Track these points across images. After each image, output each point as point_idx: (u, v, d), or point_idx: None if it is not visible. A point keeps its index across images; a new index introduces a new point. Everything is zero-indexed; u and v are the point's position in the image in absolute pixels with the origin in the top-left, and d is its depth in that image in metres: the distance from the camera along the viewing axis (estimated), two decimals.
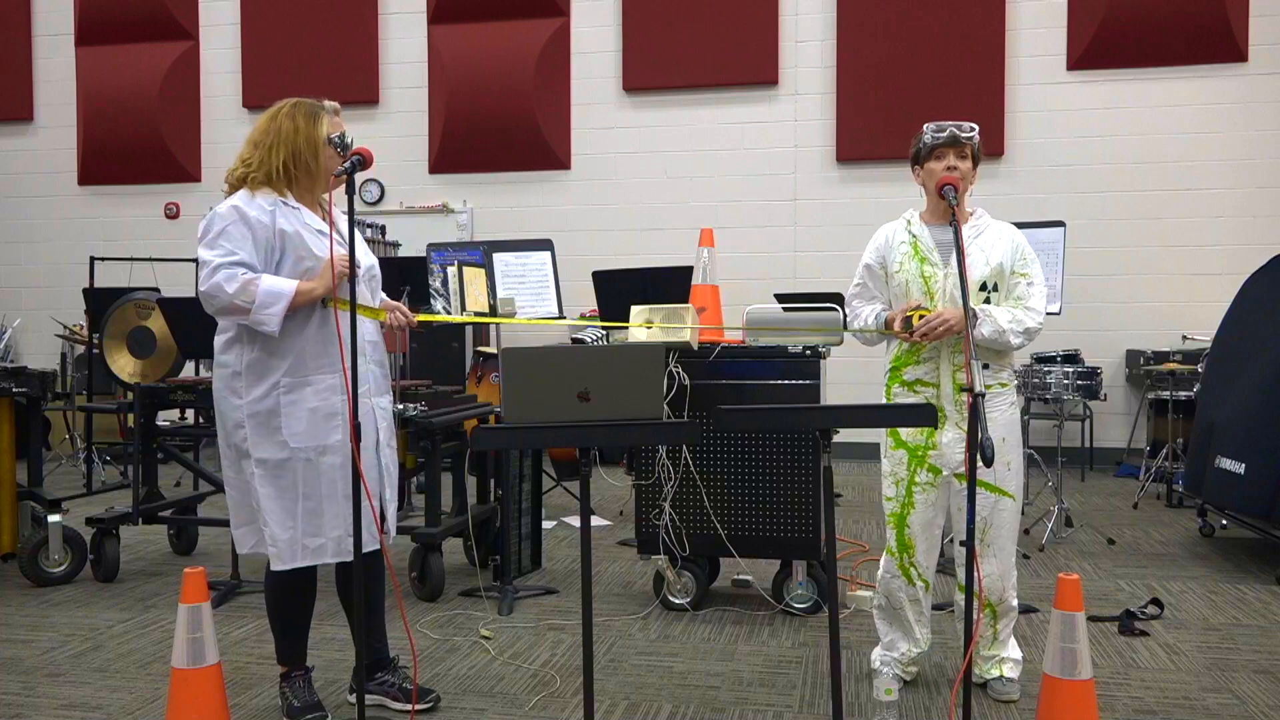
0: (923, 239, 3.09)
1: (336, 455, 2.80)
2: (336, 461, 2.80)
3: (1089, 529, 5.60)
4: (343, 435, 2.79)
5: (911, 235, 3.12)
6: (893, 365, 3.15)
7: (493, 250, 5.54)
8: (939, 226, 3.11)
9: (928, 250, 3.07)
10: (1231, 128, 7.85)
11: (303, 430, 2.77)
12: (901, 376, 3.12)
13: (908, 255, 3.10)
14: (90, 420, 7.00)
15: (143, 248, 9.12)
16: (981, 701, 3.08)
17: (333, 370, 2.79)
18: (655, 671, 3.38)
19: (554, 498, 6.51)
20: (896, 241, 3.15)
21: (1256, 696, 3.14)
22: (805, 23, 8.37)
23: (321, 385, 2.79)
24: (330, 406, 2.79)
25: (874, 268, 3.20)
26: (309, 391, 2.78)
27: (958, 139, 3.01)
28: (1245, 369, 4.91)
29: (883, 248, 3.18)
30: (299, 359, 2.78)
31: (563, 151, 8.73)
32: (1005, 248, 3.06)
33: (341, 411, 2.79)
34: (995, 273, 3.03)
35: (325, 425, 2.79)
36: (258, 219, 2.75)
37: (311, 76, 8.97)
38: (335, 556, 2.82)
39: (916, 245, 3.10)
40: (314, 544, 2.80)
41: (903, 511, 3.12)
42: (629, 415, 2.34)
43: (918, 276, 3.06)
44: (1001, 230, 3.10)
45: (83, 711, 3.06)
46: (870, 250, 3.22)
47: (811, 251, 8.41)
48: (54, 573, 4.49)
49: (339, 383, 2.80)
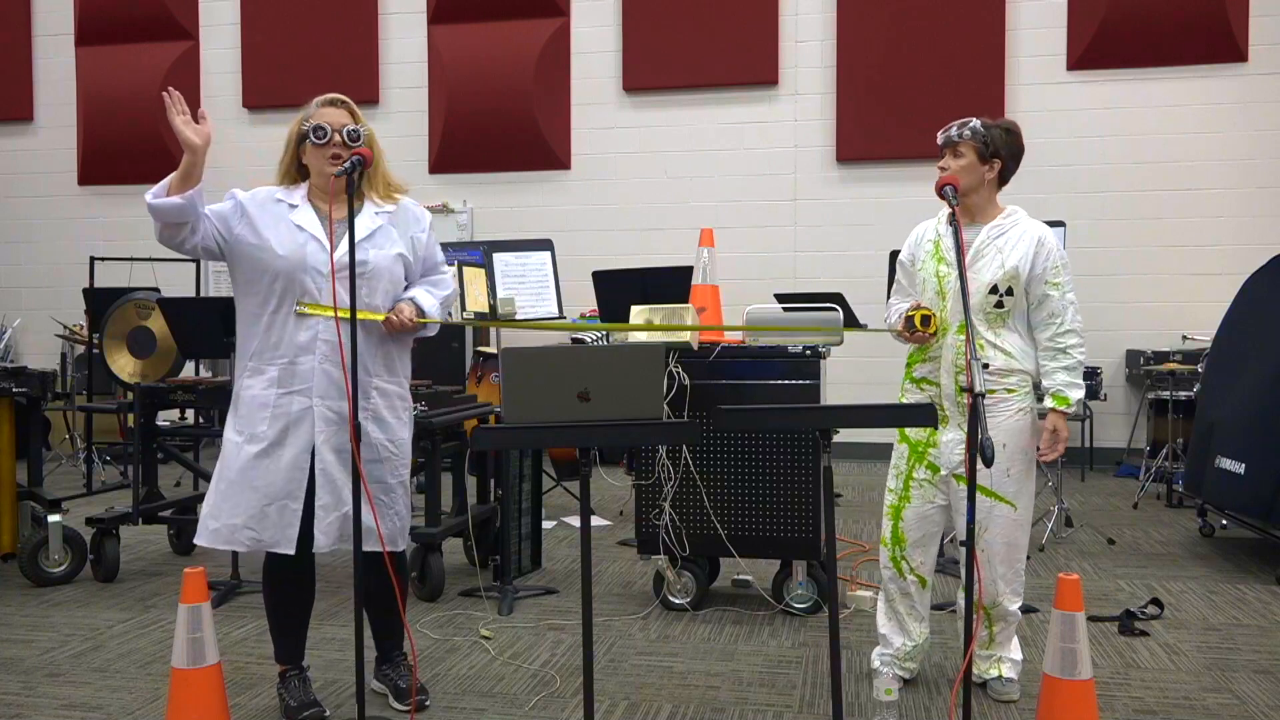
0: (945, 239, 3.10)
1: (255, 445, 2.76)
2: (253, 451, 2.76)
3: (1089, 529, 5.60)
4: (267, 427, 2.76)
5: (937, 234, 3.14)
6: (908, 361, 3.18)
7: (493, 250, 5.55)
8: (969, 226, 3.08)
9: (946, 250, 3.08)
10: (1231, 128, 7.84)
11: (242, 415, 2.80)
12: (912, 373, 3.16)
13: (929, 254, 3.12)
14: (90, 420, 7.00)
15: (143, 248, 9.11)
16: (981, 701, 3.08)
17: (278, 363, 2.78)
18: (655, 671, 3.38)
19: (554, 498, 6.50)
20: (924, 239, 3.17)
21: (1256, 696, 3.14)
22: (805, 23, 8.37)
23: (267, 376, 2.79)
24: (265, 398, 2.77)
25: (905, 264, 3.23)
26: (260, 379, 2.79)
27: (949, 140, 3.03)
28: (1245, 369, 4.91)
29: (913, 245, 3.21)
30: (261, 347, 2.81)
31: (563, 151, 8.73)
32: (1026, 250, 2.98)
33: (272, 404, 2.76)
34: (1009, 276, 2.96)
35: (257, 414, 2.78)
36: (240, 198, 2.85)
37: (311, 76, 8.97)
38: (226, 544, 2.78)
39: (938, 244, 3.11)
40: (212, 525, 2.79)
41: (899, 504, 3.14)
42: (629, 415, 2.34)
43: (933, 276, 3.08)
44: (1027, 231, 3.02)
45: (83, 711, 3.06)
46: (905, 247, 3.25)
47: (811, 251, 8.41)
48: (54, 573, 4.49)
49: (278, 375, 2.78)
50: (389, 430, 2.89)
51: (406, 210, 2.97)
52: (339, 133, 2.77)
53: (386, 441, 2.88)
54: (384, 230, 2.88)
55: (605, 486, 7.02)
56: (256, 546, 2.78)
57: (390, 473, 2.90)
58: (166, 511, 4.87)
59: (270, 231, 2.78)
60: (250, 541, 2.77)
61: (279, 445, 2.77)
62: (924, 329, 2.99)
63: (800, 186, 8.43)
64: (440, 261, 3.08)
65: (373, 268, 2.83)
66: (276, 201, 2.84)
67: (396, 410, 2.92)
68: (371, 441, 2.85)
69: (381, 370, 2.89)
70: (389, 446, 2.89)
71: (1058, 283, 2.99)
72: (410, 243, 2.95)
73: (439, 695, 3.15)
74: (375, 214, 2.89)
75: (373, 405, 2.86)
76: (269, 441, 2.76)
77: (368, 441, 2.83)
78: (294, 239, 2.77)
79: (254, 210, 2.81)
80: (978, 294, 2.99)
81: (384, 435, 2.88)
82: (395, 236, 2.90)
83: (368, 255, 2.82)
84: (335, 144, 2.77)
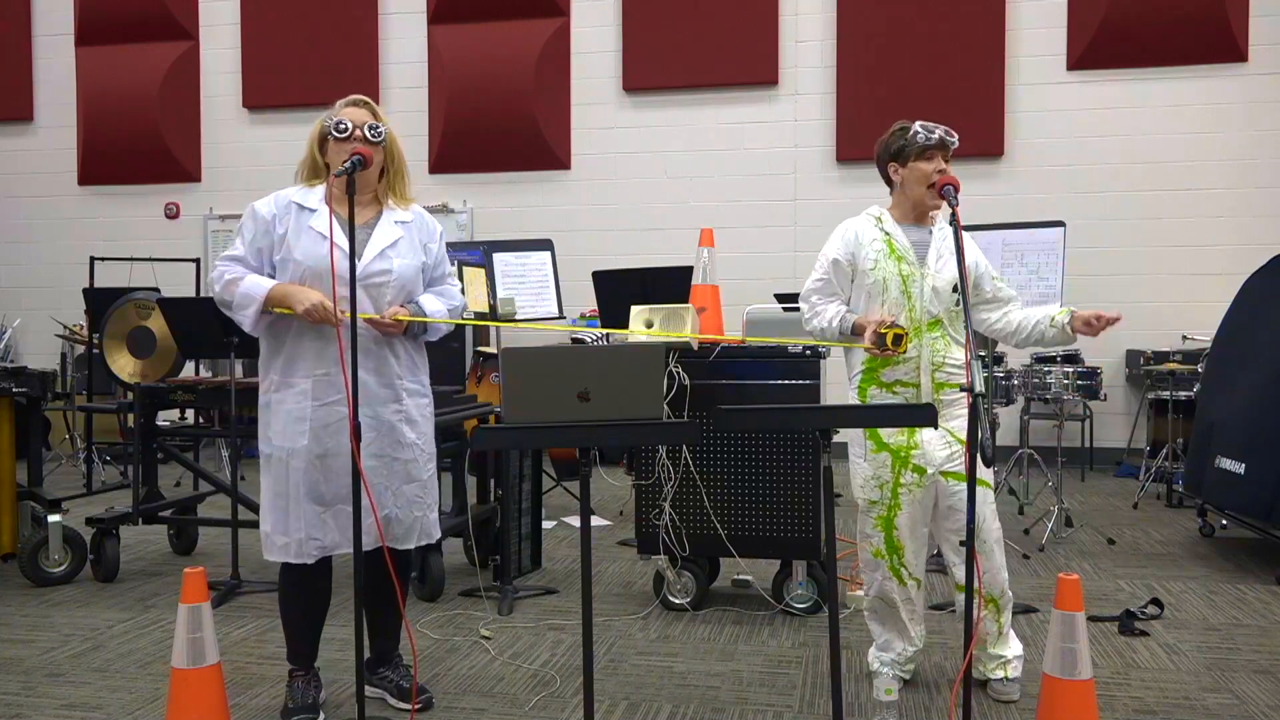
0: (897, 238, 3.08)
1: (301, 460, 2.80)
2: (301, 466, 2.80)
3: (1089, 529, 5.60)
4: (308, 441, 2.79)
5: (885, 234, 3.09)
6: (866, 367, 3.11)
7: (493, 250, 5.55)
8: (912, 226, 3.11)
9: (903, 250, 3.06)
10: (1231, 128, 7.85)
11: (280, 430, 2.82)
12: (879, 378, 3.08)
13: (883, 254, 3.06)
14: (90, 420, 7.00)
15: (143, 248, 9.12)
16: (981, 701, 3.08)
17: (308, 375, 2.81)
18: (655, 671, 3.38)
19: (554, 498, 6.50)
20: (868, 239, 3.10)
21: (1256, 696, 3.14)
22: (805, 23, 8.37)
23: (298, 389, 2.81)
24: (300, 411, 2.80)
25: (842, 264, 3.12)
26: (290, 394, 2.82)
27: (945, 143, 3.03)
28: (1245, 369, 4.91)
29: (852, 244, 3.12)
30: (288, 361, 2.84)
31: (563, 151, 8.73)
32: (972, 249, 3.15)
33: (309, 417, 2.79)
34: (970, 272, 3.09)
35: (295, 429, 2.80)
36: (263, 215, 2.85)
37: (311, 76, 8.98)
38: (297, 558, 2.82)
39: (892, 244, 3.07)
40: (280, 541, 2.84)
41: (889, 514, 3.10)
42: (629, 415, 2.34)
43: (896, 276, 3.03)
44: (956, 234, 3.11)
45: (83, 711, 3.06)
46: (838, 245, 3.14)
47: (811, 251, 8.36)
48: (54, 573, 4.49)
49: (310, 388, 2.80)
50: (418, 429, 2.97)
51: (422, 218, 3.01)
52: (360, 129, 2.78)
53: (418, 440, 2.96)
54: (405, 240, 2.90)
55: (605, 486, 7.02)
56: (323, 554, 2.85)
57: (424, 469, 2.99)
58: (166, 511, 4.87)
59: (294, 241, 2.80)
60: (317, 550, 2.84)
61: (325, 456, 2.81)
62: (895, 348, 2.90)
63: (800, 186, 8.43)
64: (448, 273, 3.10)
65: (396, 276, 2.85)
66: (297, 207, 2.84)
67: (422, 408, 3.00)
68: (408, 442, 2.92)
69: (407, 373, 2.94)
70: (419, 445, 2.97)
71: (994, 274, 3.20)
72: (426, 250, 2.98)
73: (439, 695, 3.15)
74: (395, 223, 2.91)
75: (405, 407, 2.92)
76: (315, 454, 2.80)
77: (405, 442, 2.91)
78: (316, 247, 2.79)
79: (279, 225, 2.83)
80: (943, 291, 3.03)
81: (415, 435, 2.96)
82: (416, 244, 2.94)
83: (391, 264, 2.85)
84: (356, 139, 2.78)
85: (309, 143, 2.90)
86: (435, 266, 3.03)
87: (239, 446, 5.72)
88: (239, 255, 2.84)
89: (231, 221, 9.15)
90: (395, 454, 2.89)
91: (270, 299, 2.76)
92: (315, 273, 2.78)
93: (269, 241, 2.83)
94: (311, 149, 2.89)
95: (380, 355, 2.86)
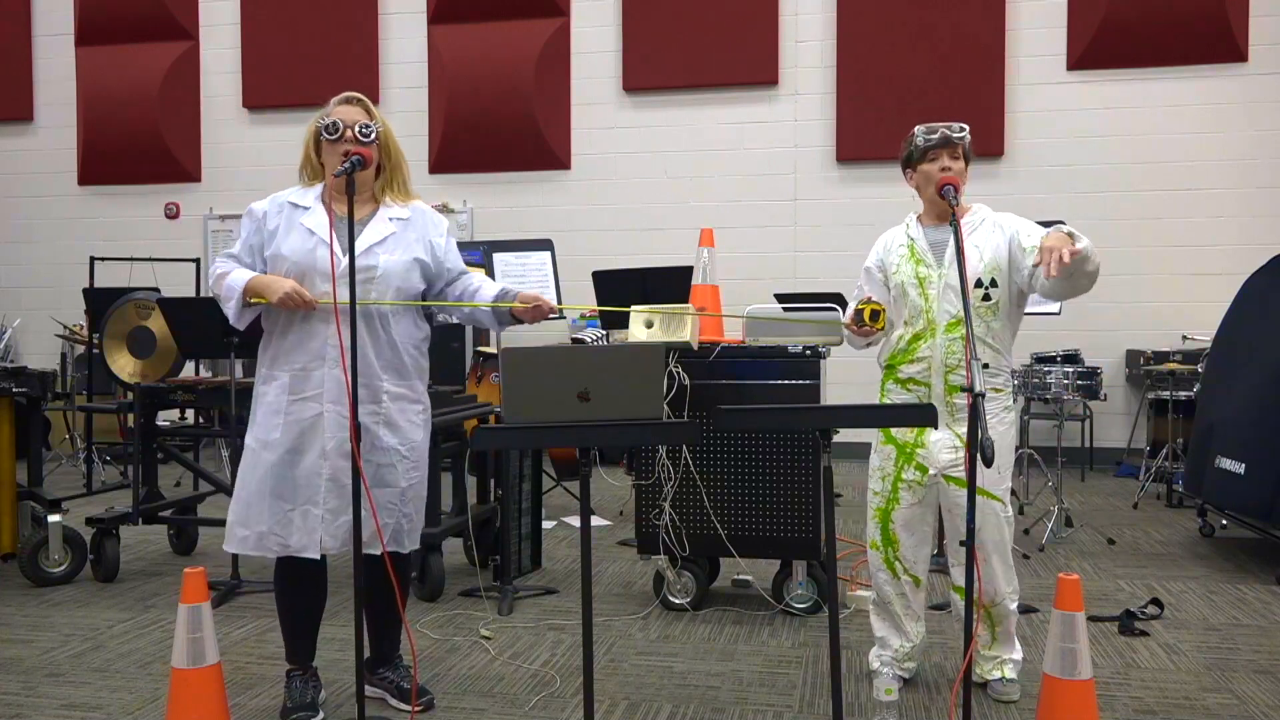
0: (918, 241, 3.12)
1: (273, 453, 2.80)
2: (272, 459, 2.79)
3: (1089, 529, 5.60)
4: (280, 435, 2.79)
5: (909, 238, 3.14)
6: (888, 362, 3.16)
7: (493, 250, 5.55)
8: (934, 227, 3.13)
9: (922, 252, 3.09)
10: (1231, 128, 7.85)
11: (259, 422, 2.84)
12: (897, 374, 3.13)
13: (904, 258, 3.12)
14: (90, 420, 7.00)
15: (143, 248, 9.13)
16: (981, 701, 3.08)
17: (287, 369, 2.82)
18: (655, 671, 3.38)
19: (554, 498, 6.50)
20: (895, 244, 3.18)
21: (1256, 696, 3.14)
22: (805, 23, 8.37)
23: (279, 382, 2.83)
24: (278, 404, 2.81)
25: (872, 271, 3.23)
26: (273, 386, 2.84)
27: (950, 139, 3.02)
28: (1245, 369, 4.91)
29: (882, 252, 3.22)
30: (274, 354, 2.86)
31: (563, 151, 8.73)
32: (1000, 240, 3.05)
33: (284, 410, 2.80)
34: (991, 268, 3.02)
35: (271, 421, 2.82)
36: (257, 213, 2.90)
37: (311, 76, 8.98)
38: (256, 550, 2.82)
39: (913, 247, 3.12)
40: (240, 533, 2.83)
41: (887, 507, 3.14)
42: (629, 415, 2.34)
43: (913, 278, 3.08)
44: (996, 223, 3.09)
45: (83, 711, 3.06)
46: (871, 255, 3.26)
47: (811, 251, 8.41)
48: (54, 573, 4.49)
49: (288, 382, 2.81)
50: (401, 434, 2.90)
51: (424, 214, 2.98)
52: (351, 129, 2.77)
53: (398, 445, 2.89)
54: (397, 236, 2.88)
55: (605, 486, 7.02)
56: (284, 552, 2.82)
57: (403, 476, 2.91)
58: (166, 511, 4.87)
59: (284, 237, 2.82)
60: (278, 547, 2.81)
61: (295, 452, 2.80)
62: (872, 324, 2.98)
63: (800, 186, 8.43)
64: (465, 270, 3.07)
65: (382, 273, 2.82)
66: (290, 206, 2.87)
67: (409, 414, 2.92)
68: (385, 446, 2.87)
69: (391, 374, 2.87)
70: (400, 450, 2.90)
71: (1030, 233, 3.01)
72: (429, 246, 2.94)
73: (439, 695, 3.15)
74: (389, 219, 2.89)
75: (384, 410, 2.87)
76: (285, 449, 2.79)
77: (381, 446, 2.85)
78: (304, 243, 2.80)
79: (271, 221, 2.87)
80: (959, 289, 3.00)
81: (396, 439, 2.89)
82: (411, 240, 2.90)
83: (377, 260, 2.82)
84: (347, 140, 2.78)
85: (305, 143, 2.91)
86: (444, 260, 2.99)
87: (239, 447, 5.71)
88: (234, 253, 2.90)
89: (231, 221, 9.15)
90: (369, 457, 2.82)
91: (248, 290, 2.77)
92: (302, 268, 2.78)
93: (260, 239, 2.87)
94: (307, 149, 2.90)
95: (360, 356, 2.81)
